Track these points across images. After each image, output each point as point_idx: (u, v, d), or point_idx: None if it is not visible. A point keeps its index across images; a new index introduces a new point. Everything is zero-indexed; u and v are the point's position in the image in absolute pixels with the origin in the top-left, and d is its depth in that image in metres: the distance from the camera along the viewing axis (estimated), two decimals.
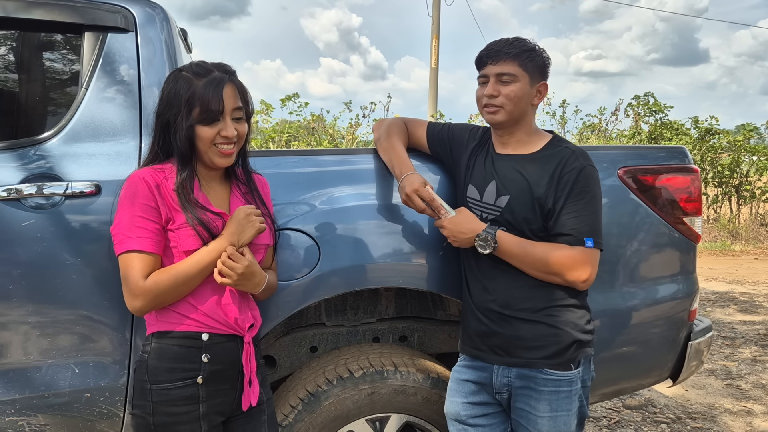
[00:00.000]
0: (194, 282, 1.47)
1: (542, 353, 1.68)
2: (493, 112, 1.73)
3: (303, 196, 1.86)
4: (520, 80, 1.70)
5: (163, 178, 1.48)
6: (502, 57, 1.71)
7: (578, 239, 1.65)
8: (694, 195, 2.14)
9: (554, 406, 1.68)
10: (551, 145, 1.76)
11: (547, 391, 1.68)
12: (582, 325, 1.71)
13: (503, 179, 1.74)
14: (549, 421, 1.69)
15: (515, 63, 1.70)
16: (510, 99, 1.70)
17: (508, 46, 1.71)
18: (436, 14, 14.36)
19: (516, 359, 1.71)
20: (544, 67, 1.76)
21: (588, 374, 1.75)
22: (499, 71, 1.71)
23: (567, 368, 1.69)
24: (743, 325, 5.46)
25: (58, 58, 1.92)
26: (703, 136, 11.42)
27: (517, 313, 1.70)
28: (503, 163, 1.77)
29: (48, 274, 1.67)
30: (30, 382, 1.69)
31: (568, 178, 1.66)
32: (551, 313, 1.69)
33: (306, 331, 2.13)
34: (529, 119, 1.78)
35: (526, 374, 1.70)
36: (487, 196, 1.76)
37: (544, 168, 1.71)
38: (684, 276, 2.21)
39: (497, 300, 1.72)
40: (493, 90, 1.71)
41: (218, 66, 1.51)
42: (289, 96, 10.09)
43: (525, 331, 1.70)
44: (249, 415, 1.59)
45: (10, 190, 1.65)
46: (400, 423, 1.98)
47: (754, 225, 11.24)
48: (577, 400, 1.71)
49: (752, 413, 3.58)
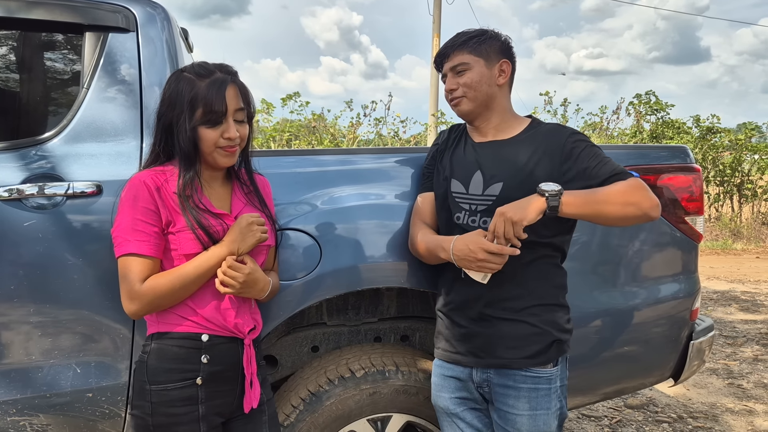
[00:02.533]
0: (192, 287, 1.47)
1: (523, 353, 1.67)
2: (457, 103, 1.75)
3: (304, 195, 1.86)
4: (473, 66, 1.72)
5: (164, 180, 1.48)
6: (450, 51, 1.75)
7: (624, 173, 1.60)
8: (695, 194, 2.14)
9: (533, 404, 1.67)
10: (532, 126, 1.75)
11: (525, 388, 1.67)
12: (562, 324, 1.71)
13: (489, 167, 1.71)
14: (528, 419, 1.68)
15: (463, 51, 1.73)
16: (468, 86, 1.72)
17: (453, 40, 1.76)
18: (437, 13, 14.34)
19: (496, 360, 1.69)
20: (502, 46, 1.76)
21: (564, 373, 1.74)
22: (452, 64, 1.74)
23: (545, 366, 1.68)
24: (745, 325, 5.46)
25: (59, 58, 1.92)
26: (705, 134, 11.41)
27: (498, 313, 1.69)
28: (485, 151, 1.75)
29: (49, 275, 1.67)
30: (32, 382, 1.69)
31: (572, 142, 1.66)
32: (534, 312, 1.68)
33: (307, 331, 2.13)
34: (501, 102, 1.76)
35: (506, 372, 1.69)
36: (474, 187, 1.72)
37: (534, 147, 1.68)
38: (686, 275, 2.21)
39: (479, 300, 1.70)
40: (452, 83, 1.75)
41: (220, 67, 1.51)
42: (290, 95, 10.09)
43: (507, 331, 1.68)
44: (249, 416, 1.59)
45: (11, 190, 1.65)
46: (401, 423, 1.98)
47: (755, 224, 11.22)
48: (556, 400, 1.70)
49: (754, 412, 3.57)
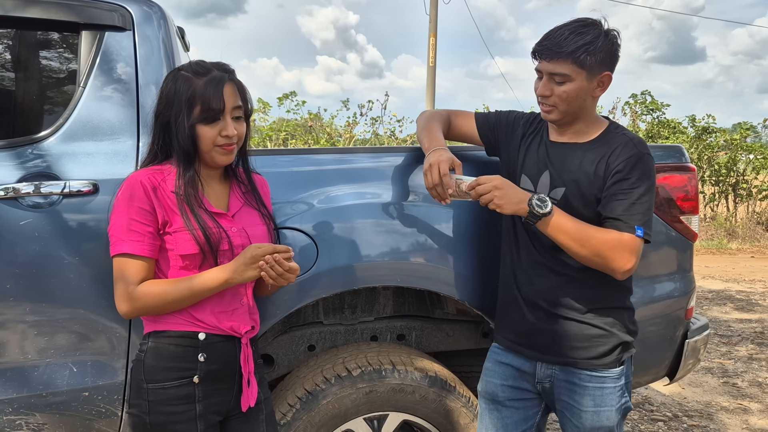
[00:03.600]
0: (182, 305, 1.47)
1: (589, 354, 1.67)
2: (547, 111, 1.66)
3: (301, 195, 1.86)
4: (574, 79, 1.58)
5: (162, 179, 1.48)
6: (554, 56, 1.58)
7: (629, 226, 1.56)
8: (691, 194, 2.15)
9: (598, 401, 1.68)
10: (607, 132, 1.68)
11: (591, 387, 1.67)
12: (628, 325, 1.70)
13: (558, 170, 1.68)
14: (593, 415, 1.68)
15: (568, 61, 1.56)
16: (563, 99, 1.61)
17: (562, 42, 1.57)
18: (433, 12, 14.34)
19: (561, 358, 1.69)
20: (607, 57, 1.60)
21: (630, 369, 1.74)
22: (551, 71, 1.60)
23: (612, 367, 1.68)
24: (740, 324, 5.48)
25: (55, 57, 1.92)
26: (700, 134, 11.45)
27: (565, 312, 1.68)
28: (557, 152, 1.70)
29: (45, 273, 1.67)
30: (28, 381, 1.69)
31: (624, 165, 1.58)
32: (600, 315, 1.67)
33: (304, 330, 2.14)
34: (589, 111, 1.68)
35: (572, 371, 1.69)
36: (541, 186, 1.70)
37: (597, 157, 1.64)
38: (681, 274, 2.22)
39: (545, 297, 1.69)
40: (546, 90, 1.62)
41: (217, 65, 1.51)
42: (287, 94, 10.11)
43: (573, 332, 1.67)
44: (246, 415, 1.59)
45: (7, 189, 1.64)
46: (398, 421, 1.98)
47: (750, 223, 11.27)
48: (620, 396, 1.70)
49: (749, 411, 3.59)
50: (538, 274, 1.71)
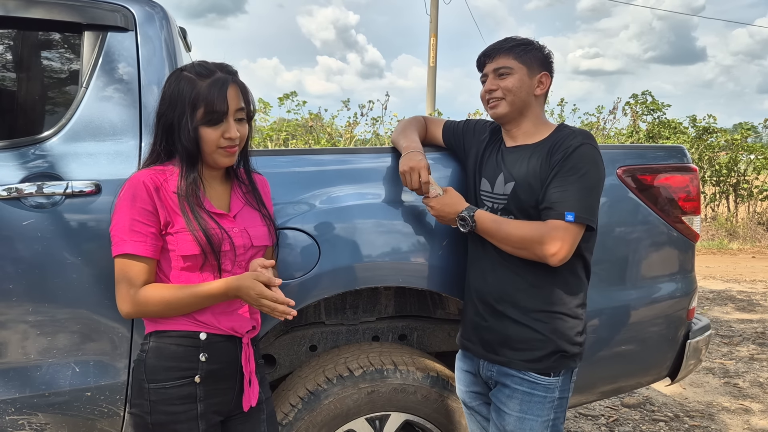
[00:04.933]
0: (183, 312, 1.47)
1: (524, 356, 1.69)
2: (494, 105, 1.76)
3: (302, 195, 1.86)
4: (516, 72, 1.73)
5: (164, 179, 1.48)
6: (496, 53, 1.76)
7: (559, 213, 1.60)
8: (692, 194, 2.15)
9: (524, 407, 1.68)
10: (555, 132, 1.75)
11: (520, 390, 1.69)
12: (571, 335, 1.69)
13: (509, 170, 1.75)
14: (516, 421, 1.68)
15: (510, 56, 1.74)
16: (508, 90, 1.73)
17: (502, 43, 1.77)
18: (434, 12, 14.34)
19: (499, 357, 1.73)
20: (544, 59, 1.77)
21: (567, 386, 1.72)
22: (495, 66, 1.76)
23: (545, 374, 1.68)
24: (741, 324, 5.48)
25: (57, 57, 1.92)
26: (701, 134, 11.44)
27: (508, 311, 1.71)
28: (511, 155, 1.78)
29: (48, 273, 1.67)
30: (30, 381, 1.69)
31: (563, 155, 1.64)
32: (540, 318, 1.68)
33: (306, 330, 2.14)
34: (535, 110, 1.78)
35: (506, 372, 1.72)
36: (497, 187, 1.76)
37: (543, 152, 1.70)
38: (682, 275, 2.22)
39: (492, 292, 1.73)
40: (492, 84, 1.76)
41: (220, 66, 1.50)
42: (287, 94, 10.10)
43: (512, 332, 1.70)
44: (247, 415, 1.59)
45: (10, 189, 1.65)
46: (399, 421, 1.99)
47: (751, 223, 11.26)
48: (551, 411, 1.69)
49: (750, 411, 3.59)
50: (490, 269, 1.75)
